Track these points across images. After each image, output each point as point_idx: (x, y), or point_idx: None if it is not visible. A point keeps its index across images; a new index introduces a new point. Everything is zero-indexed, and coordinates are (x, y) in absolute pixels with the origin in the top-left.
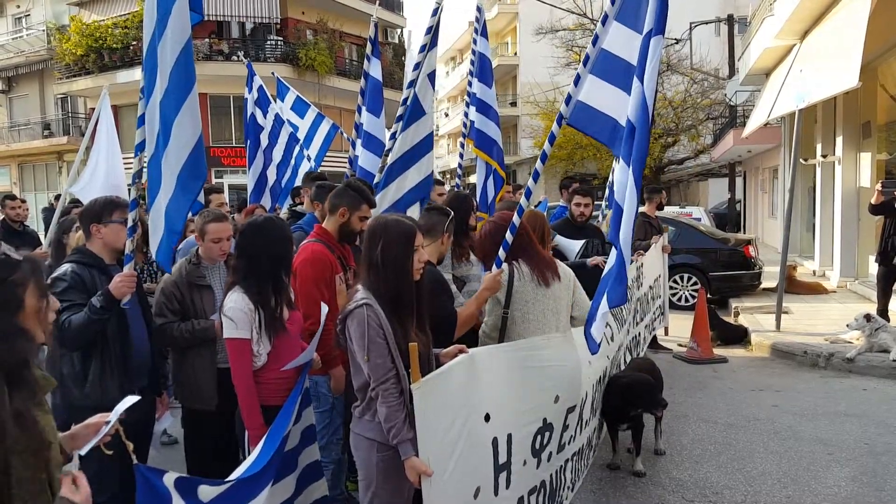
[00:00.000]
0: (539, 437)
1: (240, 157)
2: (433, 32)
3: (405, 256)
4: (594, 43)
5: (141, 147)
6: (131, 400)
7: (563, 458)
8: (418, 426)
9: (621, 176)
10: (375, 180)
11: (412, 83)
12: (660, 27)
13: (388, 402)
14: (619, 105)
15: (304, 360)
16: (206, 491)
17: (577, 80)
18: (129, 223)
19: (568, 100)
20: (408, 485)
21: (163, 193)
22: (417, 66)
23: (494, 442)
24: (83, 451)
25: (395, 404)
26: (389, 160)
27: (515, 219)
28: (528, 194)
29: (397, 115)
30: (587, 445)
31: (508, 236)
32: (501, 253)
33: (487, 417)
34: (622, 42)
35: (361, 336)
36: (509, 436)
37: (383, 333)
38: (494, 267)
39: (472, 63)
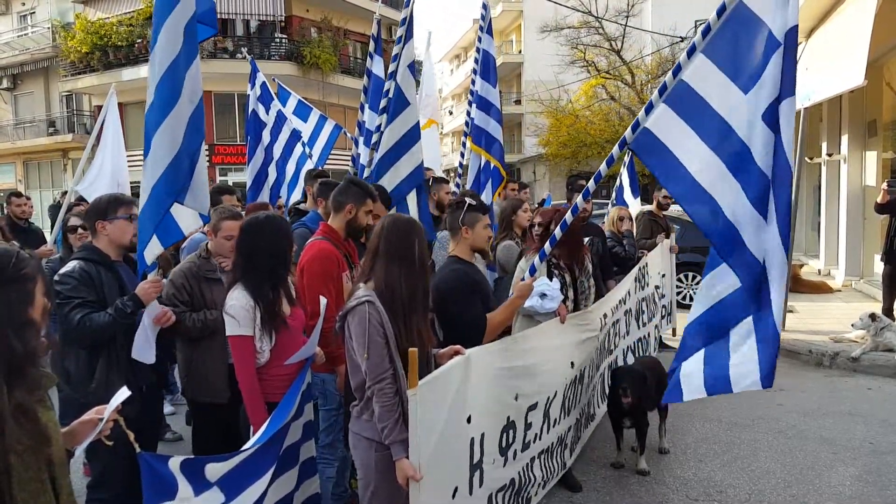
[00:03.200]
0: (504, 436)
1: (243, 154)
2: (408, 23)
3: (426, 254)
4: (675, 73)
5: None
6: (124, 394)
7: (528, 455)
8: (411, 431)
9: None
10: (365, 174)
11: (393, 75)
12: (790, 89)
13: (382, 401)
14: (687, 145)
15: (306, 355)
16: (214, 469)
17: (649, 108)
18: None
19: (635, 126)
20: None
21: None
22: (396, 58)
23: (472, 442)
24: (79, 450)
25: (389, 404)
26: (379, 153)
27: (569, 216)
28: (587, 194)
29: (380, 108)
30: (559, 443)
31: (558, 232)
32: (536, 261)
33: (469, 419)
34: (705, 78)
35: (362, 333)
36: (482, 435)
37: (383, 332)
38: (528, 275)
39: (476, 61)
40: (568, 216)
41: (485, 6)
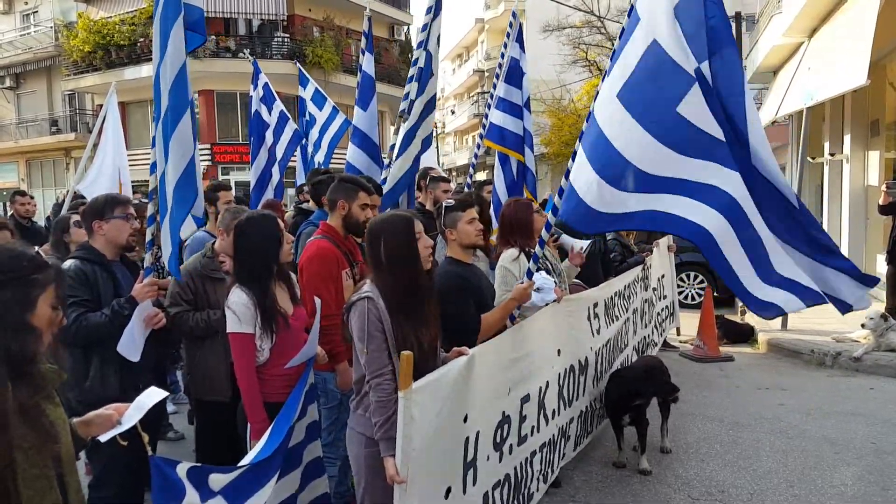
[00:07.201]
0: (499, 431)
1: (246, 154)
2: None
3: (410, 247)
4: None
5: (154, 167)
6: (154, 397)
7: (527, 449)
8: (399, 432)
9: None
10: (382, 176)
11: (423, 43)
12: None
13: (378, 396)
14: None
15: (308, 356)
16: (217, 479)
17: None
18: (149, 213)
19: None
20: None
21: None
22: (426, 28)
23: (467, 441)
24: (103, 439)
25: (384, 400)
26: (407, 124)
27: (551, 218)
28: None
29: (409, 76)
30: (560, 435)
31: (544, 233)
32: (532, 265)
33: (466, 418)
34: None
35: (361, 328)
36: (478, 433)
37: (382, 328)
38: (525, 278)
39: (500, 66)
40: (550, 217)
41: (514, 14)
